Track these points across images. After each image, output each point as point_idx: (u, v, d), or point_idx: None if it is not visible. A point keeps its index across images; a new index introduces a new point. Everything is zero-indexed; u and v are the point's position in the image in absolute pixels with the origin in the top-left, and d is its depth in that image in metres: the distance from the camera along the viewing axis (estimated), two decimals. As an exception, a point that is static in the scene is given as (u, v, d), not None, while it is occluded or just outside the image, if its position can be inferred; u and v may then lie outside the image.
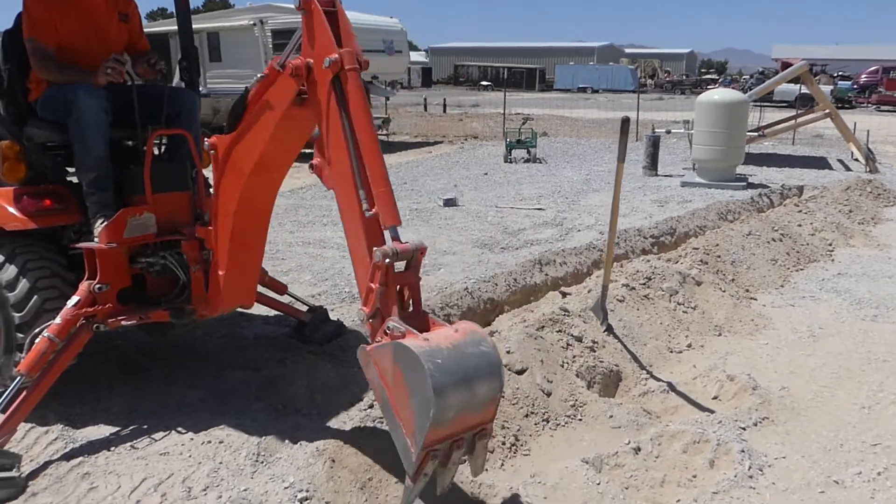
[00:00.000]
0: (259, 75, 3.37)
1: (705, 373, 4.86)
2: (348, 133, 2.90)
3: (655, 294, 5.94)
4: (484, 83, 63.68)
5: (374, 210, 2.80)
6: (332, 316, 5.40)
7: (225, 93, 17.24)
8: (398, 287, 2.74)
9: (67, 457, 3.67)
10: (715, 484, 3.54)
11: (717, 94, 12.97)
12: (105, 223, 3.84)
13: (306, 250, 7.93)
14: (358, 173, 2.86)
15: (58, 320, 3.74)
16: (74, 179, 4.13)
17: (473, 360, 2.51)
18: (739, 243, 7.42)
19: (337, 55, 2.94)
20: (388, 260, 2.64)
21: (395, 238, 2.75)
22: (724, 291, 6.30)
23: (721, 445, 3.78)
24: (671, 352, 5.34)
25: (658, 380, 4.84)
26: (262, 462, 3.63)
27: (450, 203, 10.51)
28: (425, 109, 32.57)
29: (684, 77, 65.40)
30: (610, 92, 56.09)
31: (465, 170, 14.65)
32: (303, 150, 3.75)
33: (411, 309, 2.80)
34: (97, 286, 3.84)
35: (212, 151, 3.67)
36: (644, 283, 6.03)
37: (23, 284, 3.85)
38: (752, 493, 3.47)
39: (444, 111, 31.78)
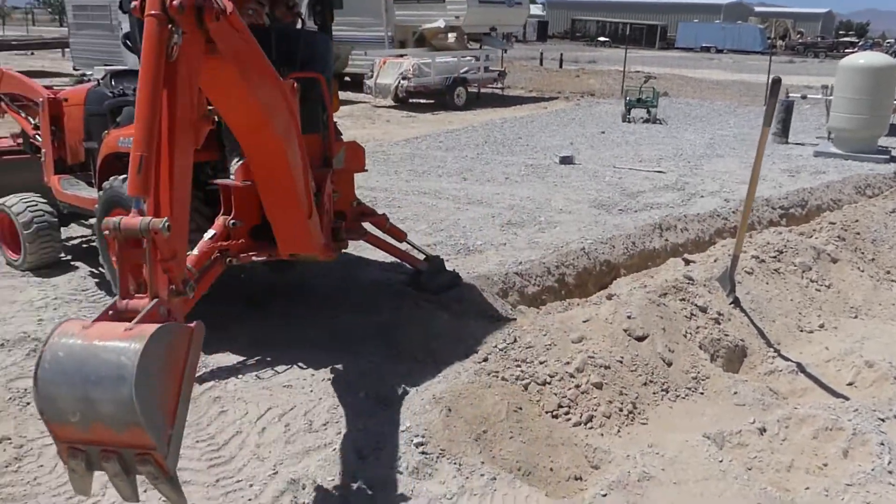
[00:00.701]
0: None
1: (840, 356, 4.57)
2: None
3: (787, 268, 5.62)
4: (601, 39, 61.61)
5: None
6: (448, 267, 5.41)
7: (346, 40, 17.41)
8: (129, 265, 2.44)
9: (200, 380, 3.86)
10: (849, 476, 3.34)
11: (863, 58, 11.97)
12: (241, 162, 3.94)
13: (421, 200, 7.96)
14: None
15: (195, 251, 3.90)
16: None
17: (101, 369, 2.12)
18: (882, 221, 6.91)
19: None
20: (107, 232, 2.35)
21: (137, 210, 2.43)
22: (862, 271, 5.89)
23: (857, 435, 3.56)
24: (801, 331, 5.06)
25: (786, 359, 4.60)
26: (379, 404, 3.70)
27: (566, 161, 10.29)
28: (541, 64, 31.87)
29: (819, 39, 60.98)
30: (735, 52, 53.12)
31: (582, 127, 14.28)
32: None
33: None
34: (231, 221, 3.97)
35: None
36: (775, 257, 5.72)
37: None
38: (892, 490, 3.24)
39: (560, 66, 31.00)
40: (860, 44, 53.55)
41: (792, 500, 3.21)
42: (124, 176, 4.25)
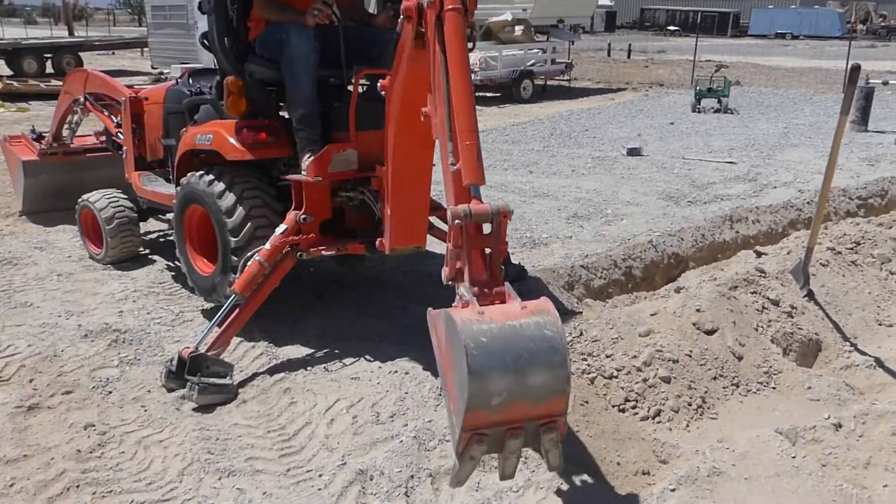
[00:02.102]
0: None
1: (922, 352, 4.40)
2: (445, 79, 2.71)
3: (864, 260, 5.42)
4: (671, 28, 60.24)
5: (458, 165, 2.61)
6: (514, 260, 5.42)
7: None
8: (478, 251, 2.54)
9: (271, 371, 3.99)
10: (931, 474, 3.21)
11: (952, 41, 11.39)
12: (312, 158, 4.04)
13: (486, 193, 7.89)
14: (449, 124, 2.67)
15: (267, 246, 4.02)
16: (286, 115, 4.36)
17: (530, 344, 2.19)
18: (970, 211, 6.58)
19: None
20: (457, 221, 2.43)
21: (476, 197, 2.53)
22: (947, 264, 5.62)
23: (940, 433, 3.42)
24: (880, 325, 4.88)
25: (863, 353, 4.44)
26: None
27: (634, 152, 10.14)
28: (608, 55, 31.40)
29: (904, 22, 58.11)
30: (812, 38, 51.14)
31: (650, 118, 14.03)
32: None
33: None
34: (302, 216, 4.08)
35: (383, 92, 3.69)
36: (851, 248, 5.52)
37: (239, 212, 4.16)
38: (978, 490, 3.11)
39: (629, 57, 30.48)
40: (949, 25, 50.74)
41: (869, 497, 3.10)
42: (201, 172, 4.41)
